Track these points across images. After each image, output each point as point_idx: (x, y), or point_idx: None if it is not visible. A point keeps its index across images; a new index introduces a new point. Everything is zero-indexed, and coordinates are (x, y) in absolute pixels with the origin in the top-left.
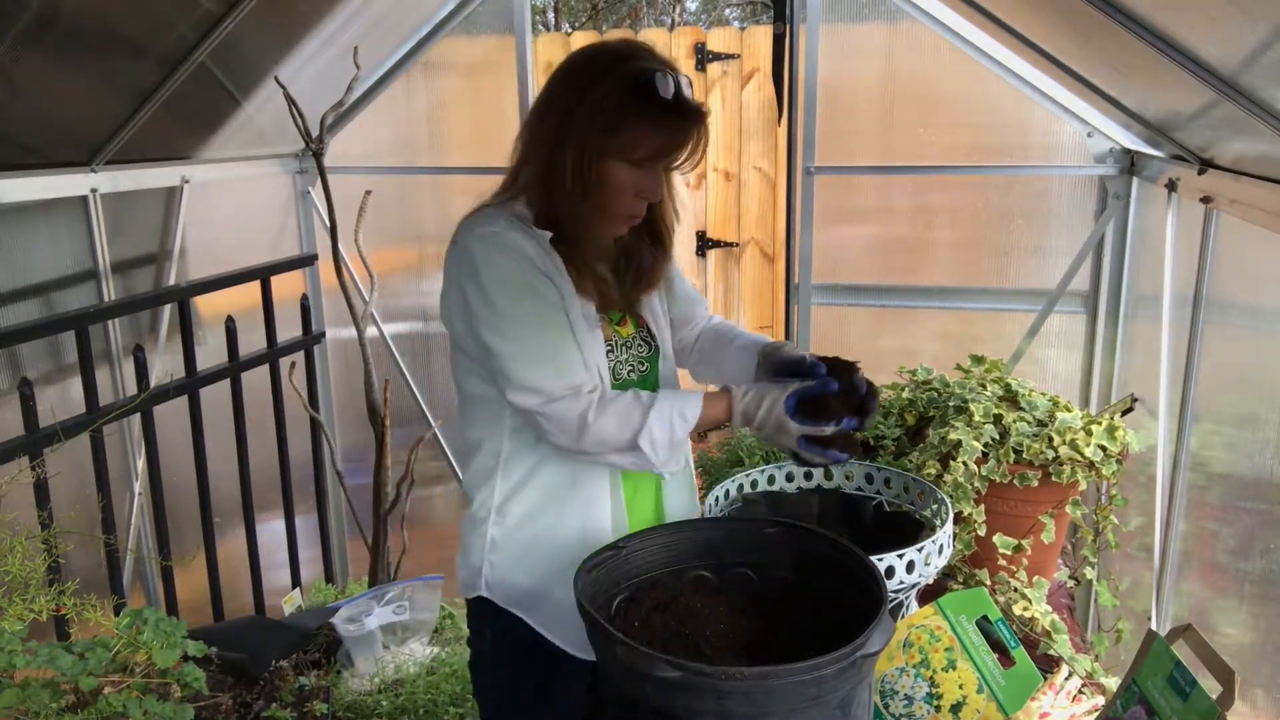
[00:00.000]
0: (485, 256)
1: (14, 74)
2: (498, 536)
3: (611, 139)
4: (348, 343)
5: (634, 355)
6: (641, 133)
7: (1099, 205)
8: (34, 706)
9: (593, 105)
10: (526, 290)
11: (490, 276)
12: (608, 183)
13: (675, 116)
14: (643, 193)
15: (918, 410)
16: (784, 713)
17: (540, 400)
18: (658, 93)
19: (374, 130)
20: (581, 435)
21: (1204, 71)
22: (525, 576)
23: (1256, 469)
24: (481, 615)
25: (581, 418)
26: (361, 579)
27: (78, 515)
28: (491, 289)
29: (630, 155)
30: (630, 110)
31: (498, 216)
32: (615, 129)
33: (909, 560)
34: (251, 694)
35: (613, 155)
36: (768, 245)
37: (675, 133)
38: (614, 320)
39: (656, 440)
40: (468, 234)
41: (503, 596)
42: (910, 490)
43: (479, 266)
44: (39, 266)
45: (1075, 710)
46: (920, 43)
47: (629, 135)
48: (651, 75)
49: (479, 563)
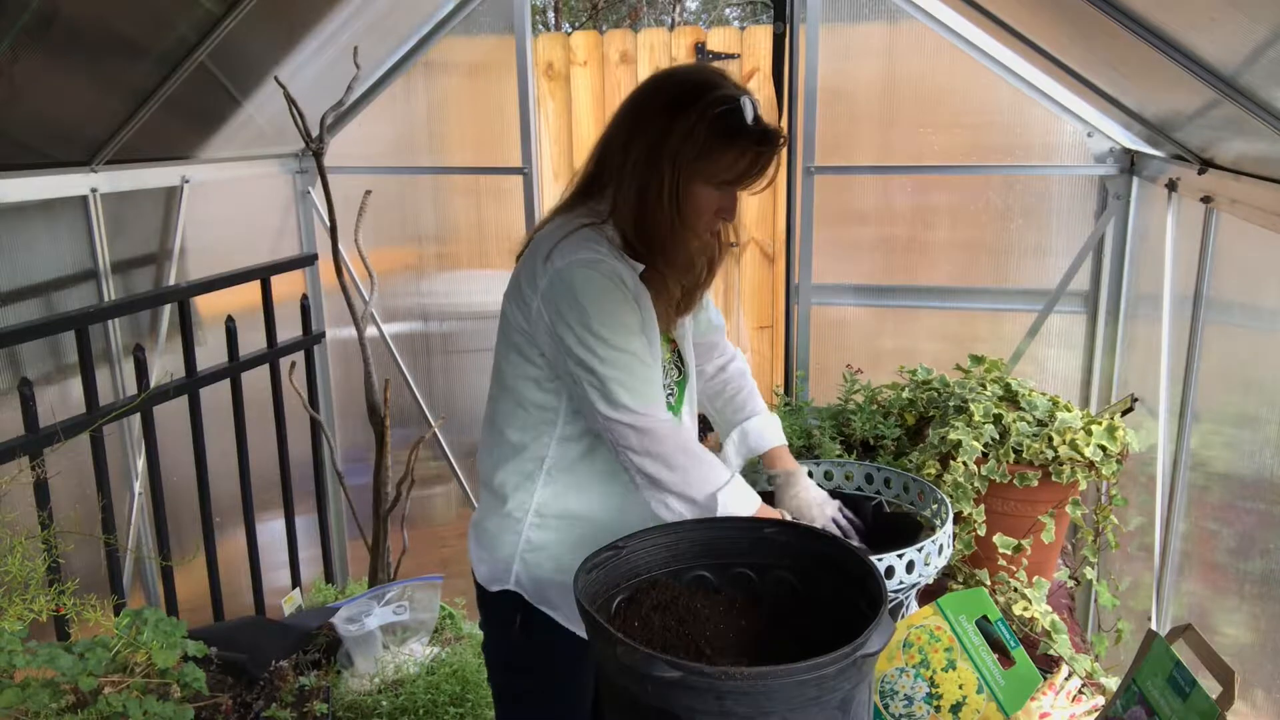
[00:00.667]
0: (589, 284)
1: (14, 74)
2: (535, 538)
3: (702, 164)
4: (348, 343)
5: (669, 381)
6: (730, 158)
7: (1099, 205)
8: (34, 706)
9: (684, 132)
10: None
11: (595, 305)
12: (693, 204)
13: (759, 143)
14: (722, 211)
15: (918, 410)
16: (784, 713)
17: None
18: (744, 120)
19: (374, 130)
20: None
21: (1204, 71)
22: (557, 575)
23: (1256, 469)
24: (508, 609)
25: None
26: (361, 579)
27: (78, 515)
28: (595, 318)
29: (717, 179)
30: (719, 137)
31: (599, 241)
32: (705, 154)
33: (909, 560)
34: (251, 694)
35: (701, 179)
36: (768, 245)
37: (759, 158)
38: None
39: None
40: (569, 256)
41: (534, 594)
42: (910, 490)
43: (583, 293)
44: (39, 266)
45: (1075, 710)
46: (920, 43)
47: (718, 161)
48: (738, 103)
49: (510, 559)
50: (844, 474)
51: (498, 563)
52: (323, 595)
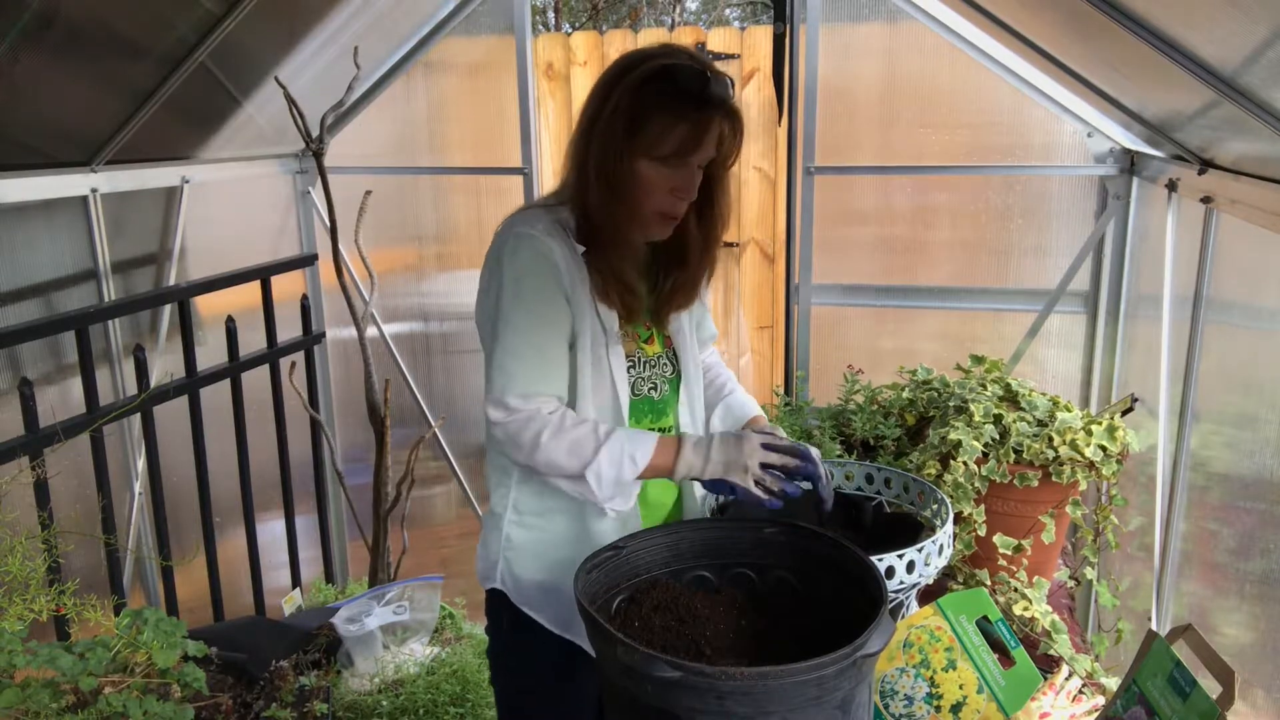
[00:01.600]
0: (514, 255)
1: (14, 74)
2: (513, 535)
3: (636, 136)
4: (348, 343)
5: (656, 374)
6: (662, 125)
7: (1099, 205)
8: (34, 706)
9: (614, 105)
10: (538, 300)
11: (512, 276)
12: (638, 183)
13: (696, 107)
14: (677, 190)
15: (918, 410)
16: (784, 713)
17: (501, 414)
18: (676, 84)
19: (374, 130)
20: (533, 454)
21: (1204, 71)
22: (538, 574)
23: (1256, 469)
24: (498, 607)
25: (535, 437)
26: (361, 579)
27: (78, 515)
28: (508, 288)
29: (655, 151)
30: (650, 104)
31: (540, 218)
32: (637, 125)
33: (909, 560)
34: (251, 694)
35: (640, 154)
36: (768, 245)
37: (698, 125)
38: (642, 338)
39: (604, 477)
40: (508, 230)
41: (515, 593)
42: (910, 490)
43: (506, 264)
44: (39, 266)
45: (1075, 710)
46: (920, 43)
47: (651, 130)
48: (672, 67)
49: (495, 557)
50: (844, 474)
51: (488, 560)
52: (323, 595)
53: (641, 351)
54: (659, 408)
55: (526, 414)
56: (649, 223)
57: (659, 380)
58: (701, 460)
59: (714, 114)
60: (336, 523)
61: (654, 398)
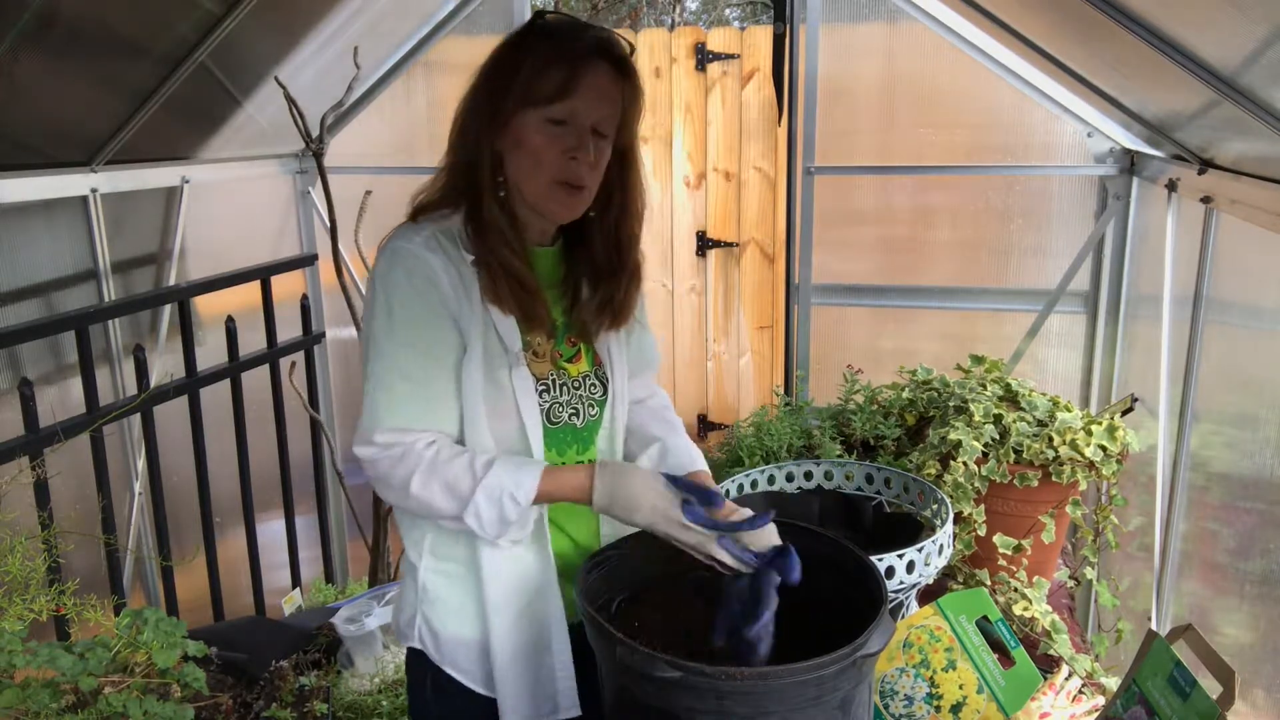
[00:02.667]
0: (386, 276)
1: (14, 74)
2: (431, 585)
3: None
4: (348, 343)
5: (581, 397)
6: (534, 69)
7: (1099, 205)
8: (34, 706)
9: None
10: (412, 325)
11: (383, 299)
12: (526, 145)
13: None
14: (570, 150)
15: (918, 410)
16: (784, 713)
17: (370, 451)
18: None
19: (374, 130)
20: (405, 497)
21: (1204, 71)
22: (461, 631)
23: (1256, 469)
24: (418, 668)
25: (406, 477)
26: (361, 579)
27: (78, 515)
28: (379, 314)
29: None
30: (522, 53)
31: (420, 229)
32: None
33: (909, 560)
34: (251, 694)
35: (519, 106)
36: (768, 245)
37: (574, 66)
38: (566, 356)
39: (484, 518)
40: (384, 246)
41: (435, 652)
42: (910, 490)
43: (378, 285)
44: (39, 266)
45: (1075, 710)
46: (920, 43)
47: (524, 76)
48: (539, 15)
49: (413, 611)
50: (844, 474)
51: (404, 614)
52: (323, 595)
53: (562, 372)
54: (584, 436)
55: (398, 451)
56: (548, 196)
57: (584, 404)
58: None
59: (593, 58)
60: (336, 523)
61: (576, 425)
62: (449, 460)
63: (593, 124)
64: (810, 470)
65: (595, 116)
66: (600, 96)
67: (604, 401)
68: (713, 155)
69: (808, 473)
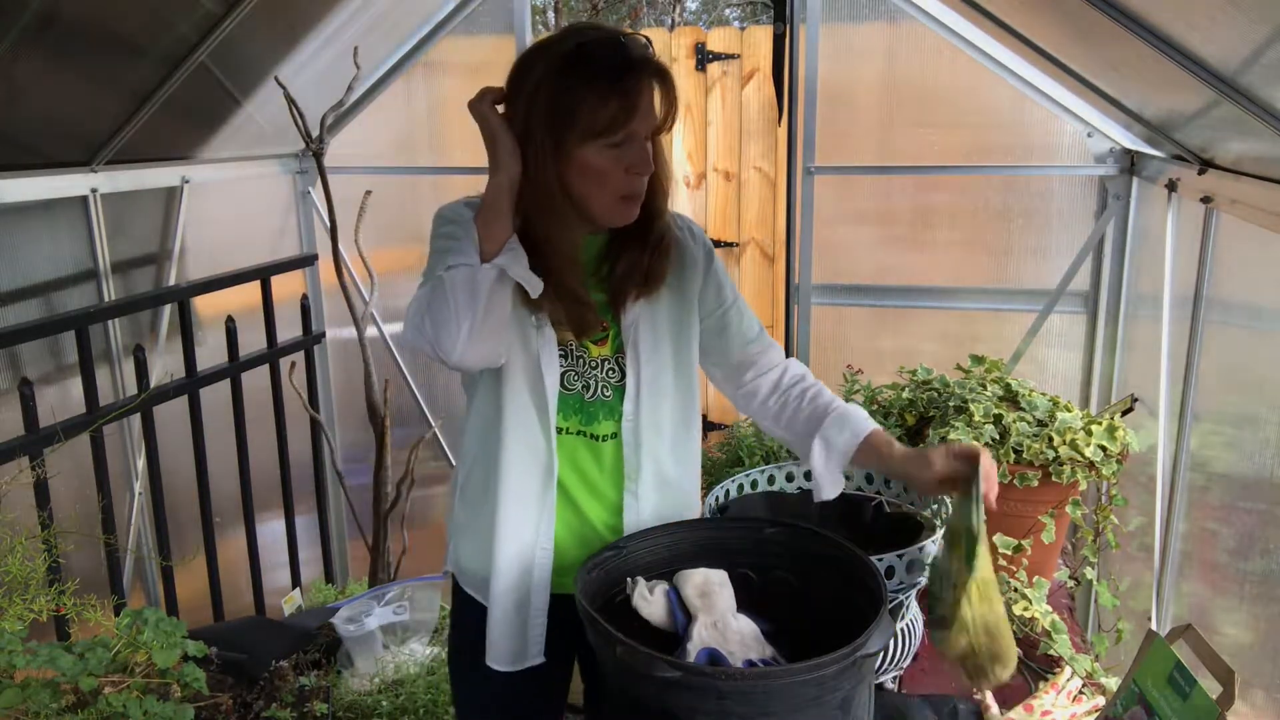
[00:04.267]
0: (439, 224)
1: (14, 74)
2: (459, 516)
3: (571, 128)
4: (348, 343)
5: (595, 377)
6: (593, 106)
7: (1099, 205)
8: (34, 706)
9: (528, 101)
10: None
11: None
12: (589, 173)
13: (622, 78)
14: (633, 167)
15: (918, 410)
16: (784, 713)
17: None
18: (595, 59)
19: (374, 130)
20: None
21: (1204, 71)
22: (475, 563)
23: (1256, 469)
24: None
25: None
26: (361, 579)
27: (78, 515)
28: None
29: (595, 132)
30: (574, 89)
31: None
32: (568, 115)
33: (909, 560)
34: (251, 694)
35: (580, 142)
36: (768, 245)
37: (629, 94)
38: (594, 337)
39: (457, 282)
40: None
41: (461, 577)
42: (910, 490)
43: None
44: (39, 266)
45: (1076, 710)
46: (920, 43)
47: (584, 114)
48: (585, 44)
49: (450, 538)
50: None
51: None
52: (323, 595)
53: (583, 350)
54: (589, 410)
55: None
56: (611, 210)
57: (595, 382)
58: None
59: (642, 76)
60: (336, 523)
61: (584, 397)
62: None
63: (646, 135)
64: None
65: (648, 129)
66: (650, 111)
67: (621, 389)
68: (713, 155)
69: (808, 473)
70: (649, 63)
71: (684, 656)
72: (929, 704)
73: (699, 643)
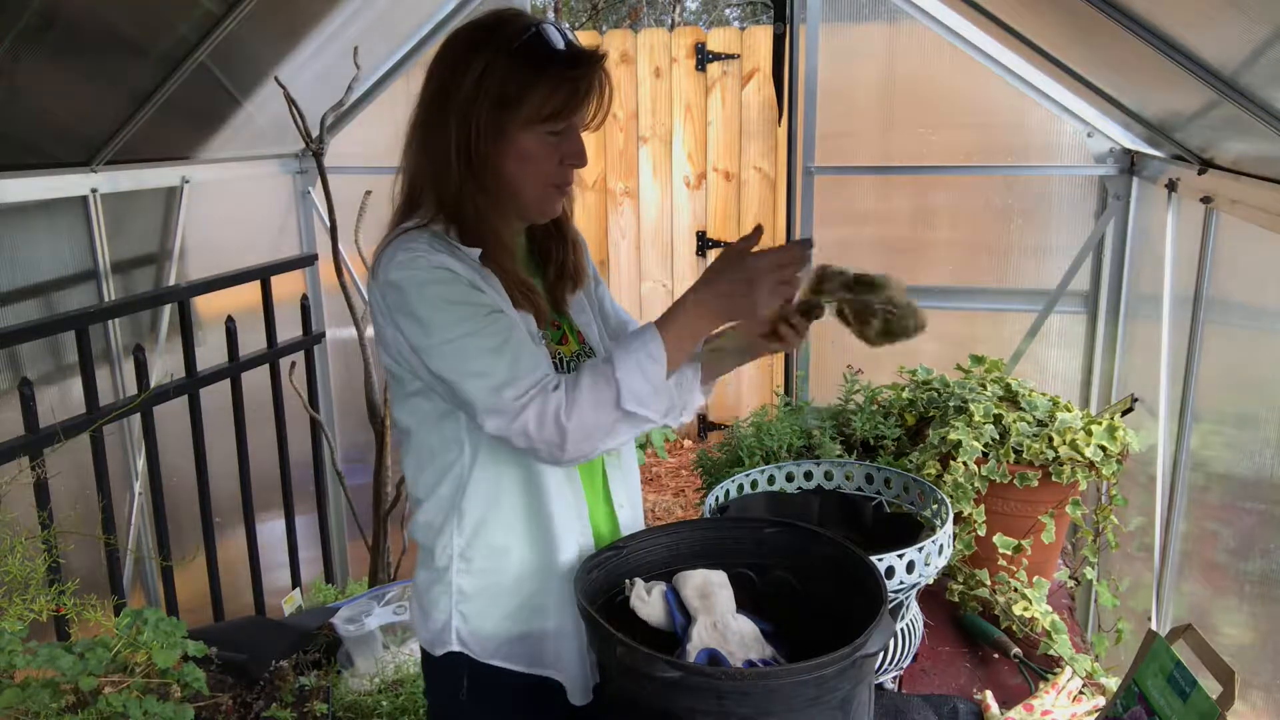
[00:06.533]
0: (411, 284)
1: (14, 74)
2: (465, 586)
3: (513, 111)
4: (348, 343)
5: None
6: (543, 94)
7: (1099, 205)
8: (34, 706)
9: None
10: (460, 307)
11: (420, 304)
12: (524, 157)
13: (573, 67)
14: (568, 158)
15: (918, 410)
16: (784, 713)
17: (507, 419)
18: (550, 47)
19: (374, 130)
20: (564, 440)
21: (1204, 71)
22: (503, 624)
23: (1256, 469)
24: (454, 669)
25: (556, 422)
26: (361, 579)
27: (78, 515)
28: (424, 316)
29: (539, 120)
30: (525, 72)
31: (417, 239)
32: (514, 99)
33: (909, 560)
34: (251, 694)
35: (521, 127)
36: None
37: (578, 84)
38: (553, 339)
39: (640, 394)
40: (387, 266)
41: (480, 649)
42: (910, 490)
43: (407, 297)
44: (39, 266)
45: (1076, 710)
46: (920, 43)
47: (532, 100)
48: (537, 30)
49: (446, 617)
50: (844, 474)
51: (435, 623)
52: (323, 595)
53: (560, 353)
54: None
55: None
56: (539, 201)
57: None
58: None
59: (594, 69)
60: (336, 523)
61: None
62: (575, 381)
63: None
64: (810, 470)
65: (585, 120)
66: (592, 104)
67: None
68: (713, 155)
69: (808, 473)
70: (600, 57)
71: (684, 657)
72: (929, 704)
73: (699, 643)
